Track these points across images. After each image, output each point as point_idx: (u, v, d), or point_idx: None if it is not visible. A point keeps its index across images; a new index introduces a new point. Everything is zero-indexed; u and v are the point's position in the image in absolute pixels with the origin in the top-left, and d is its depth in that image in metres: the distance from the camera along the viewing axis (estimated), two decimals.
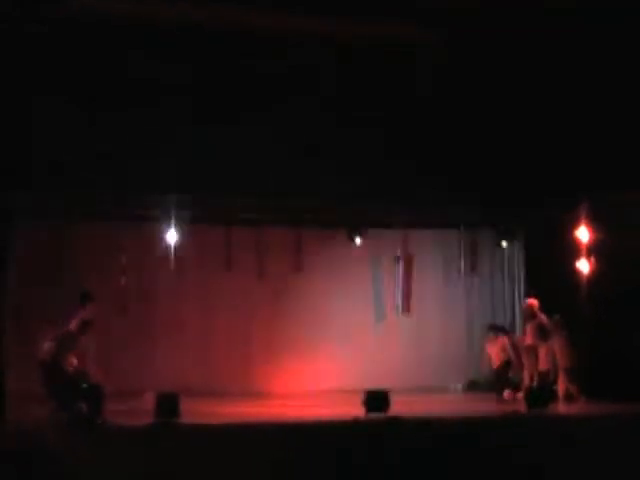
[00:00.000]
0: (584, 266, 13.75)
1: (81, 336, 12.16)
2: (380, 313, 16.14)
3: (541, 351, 13.61)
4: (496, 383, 14.53)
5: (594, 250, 13.68)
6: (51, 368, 11.43)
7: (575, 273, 13.82)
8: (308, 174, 12.61)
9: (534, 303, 13.97)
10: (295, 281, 15.73)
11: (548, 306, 13.77)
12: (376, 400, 10.75)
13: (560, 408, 12.46)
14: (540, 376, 13.49)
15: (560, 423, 11.06)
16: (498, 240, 16.16)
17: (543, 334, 13.58)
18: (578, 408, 12.49)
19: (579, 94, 12.68)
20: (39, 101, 11.61)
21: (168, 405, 10.15)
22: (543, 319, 13.72)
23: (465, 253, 16.25)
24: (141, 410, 10.66)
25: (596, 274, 13.64)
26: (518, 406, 11.98)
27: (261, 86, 12.34)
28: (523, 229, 16.11)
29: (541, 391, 12.21)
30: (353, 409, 10.67)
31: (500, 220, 15.67)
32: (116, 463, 9.24)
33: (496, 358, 14.67)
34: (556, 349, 13.35)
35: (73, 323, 12.25)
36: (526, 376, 13.84)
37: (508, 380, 14.28)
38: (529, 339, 13.92)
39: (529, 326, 13.96)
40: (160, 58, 11.96)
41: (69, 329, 12.07)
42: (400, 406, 10.77)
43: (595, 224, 13.62)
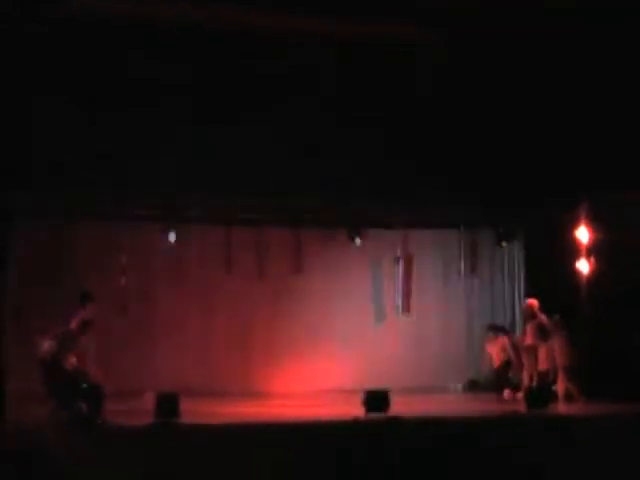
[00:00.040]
0: (584, 266, 13.76)
1: (81, 336, 12.16)
2: (380, 313, 16.13)
3: (541, 351, 13.60)
4: (496, 383, 14.54)
5: (594, 250, 13.68)
6: (51, 367, 11.42)
7: (575, 273, 13.82)
8: (308, 174, 12.61)
9: (534, 303, 13.97)
10: (295, 281, 15.72)
11: (548, 306, 13.76)
12: (376, 400, 10.74)
13: (560, 408, 12.45)
14: (540, 376, 13.49)
15: (560, 423, 11.04)
16: (498, 240, 16.15)
17: (543, 334, 13.58)
18: (578, 408, 12.48)
19: (579, 94, 12.68)
20: (39, 101, 11.62)
21: (168, 405, 10.14)
22: (543, 319, 13.71)
23: (465, 253, 16.24)
24: (141, 410, 10.66)
25: (596, 274, 13.64)
26: (518, 406, 11.97)
27: (261, 86, 12.35)
28: (523, 229, 16.10)
29: (541, 391, 12.21)
30: (353, 409, 10.66)
31: (500, 220, 15.66)
32: (116, 463, 9.24)
33: (496, 358, 14.67)
34: (556, 349, 13.34)
35: (73, 323, 12.25)
36: (526, 376, 13.84)
37: (508, 380, 14.28)
38: (529, 339, 13.91)
39: (529, 326, 13.95)
40: (160, 58, 11.96)
41: (69, 328, 12.07)
42: (400, 406, 10.76)
43: (595, 224, 13.62)
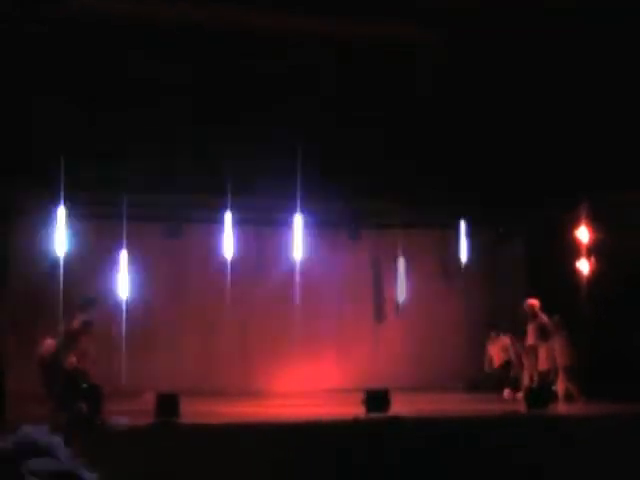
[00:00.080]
0: (584, 266, 13.76)
1: (82, 336, 12.17)
2: (380, 313, 16.13)
3: (541, 351, 13.61)
4: (496, 383, 14.54)
5: (594, 250, 13.68)
6: (51, 367, 11.44)
7: (575, 273, 13.83)
8: (308, 174, 12.61)
9: (535, 303, 13.96)
10: (295, 281, 15.70)
11: (548, 306, 13.76)
12: (376, 400, 10.75)
13: (560, 408, 12.45)
14: (540, 376, 13.50)
15: (560, 423, 11.05)
16: (498, 240, 16.15)
17: (544, 334, 13.58)
18: (578, 408, 12.49)
19: (579, 94, 12.68)
20: (39, 101, 11.62)
21: (168, 405, 10.15)
22: (544, 319, 13.71)
23: (465, 253, 16.23)
24: (141, 410, 10.66)
25: (596, 274, 13.64)
26: (518, 406, 11.98)
27: (261, 86, 12.34)
28: (523, 229, 16.10)
29: (541, 391, 12.22)
30: (353, 409, 10.67)
31: (500, 220, 15.66)
32: (116, 463, 9.23)
33: (497, 358, 14.68)
34: (556, 349, 13.34)
35: (74, 323, 12.27)
36: (526, 376, 13.84)
37: (508, 380, 14.29)
38: (530, 339, 13.91)
39: (530, 326, 13.95)
40: (160, 58, 11.97)
41: (70, 328, 12.08)
42: (400, 406, 10.76)
43: (595, 224, 13.63)
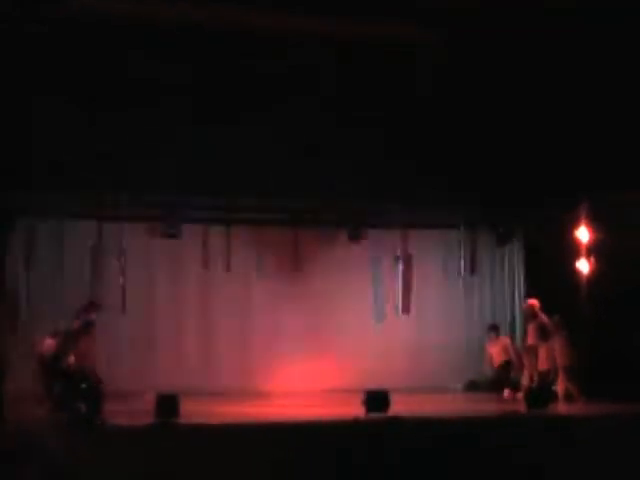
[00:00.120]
0: (584, 266, 13.76)
1: (82, 336, 12.18)
2: (380, 313, 16.11)
3: (541, 351, 13.61)
4: (496, 383, 14.53)
5: (594, 250, 13.68)
6: (51, 366, 11.44)
7: (575, 273, 13.83)
8: (308, 174, 12.61)
9: (535, 303, 13.97)
10: (295, 281, 15.71)
11: (548, 306, 13.77)
12: (376, 400, 10.74)
13: (560, 408, 12.45)
14: (540, 376, 13.50)
15: (560, 423, 11.04)
16: (498, 240, 16.14)
17: (544, 334, 13.58)
18: (578, 408, 12.48)
19: (579, 94, 12.68)
20: (39, 101, 11.62)
21: (168, 405, 10.14)
22: (544, 319, 13.71)
23: (465, 253, 16.22)
24: (141, 410, 10.66)
25: (596, 274, 13.64)
26: (518, 406, 11.97)
27: (261, 86, 12.34)
28: (523, 229, 16.10)
29: (541, 391, 12.21)
30: (353, 409, 10.66)
31: (500, 220, 15.66)
32: (116, 463, 9.24)
33: (497, 358, 14.67)
34: (556, 349, 13.34)
35: (76, 323, 12.28)
36: (526, 376, 13.84)
37: (508, 380, 14.28)
38: (530, 339, 13.92)
39: (530, 326, 13.95)
40: (160, 58, 11.96)
41: (71, 328, 12.09)
42: (400, 406, 10.76)
43: (595, 224, 13.63)
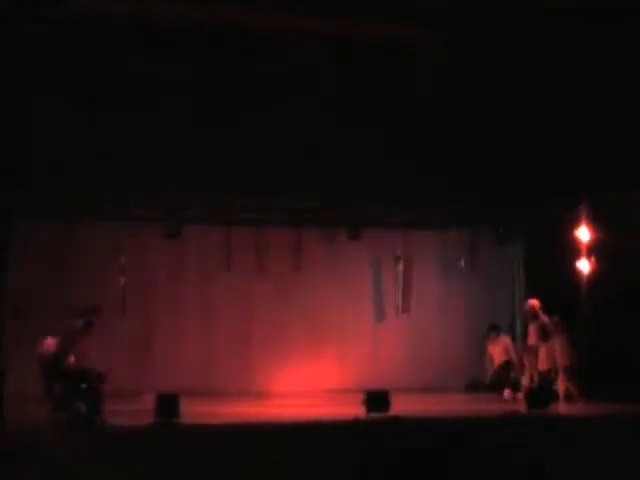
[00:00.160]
0: (584, 266, 13.76)
1: (83, 336, 12.18)
2: (380, 313, 16.12)
3: (541, 351, 13.60)
4: (496, 383, 14.53)
5: (594, 250, 13.68)
6: (52, 366, 11.44)
7: (575, 273, 13.83)
8: (308, 174, 12.61)
9: (536, 303, 13.95)
10: (295, 281, 15.70)
11: (548, 306, 13.76)
12: (376, 400, 10.74)
13: (560, 408, 12.44)
14: (540, 376, 13.49)
15: (560, 423, 11.05)
16: (498, 240, 16.14)
17: (545, 334, 13.57)
18: (578, 408, 12.48)
19: (579, 94, 12.68)
20: (39, 101, 11.62)
21: (168, 405, 10.14)
22: (545, 319, 13.70)
23: (465, 253, 16.23)
24: (141, 410, 10.66)
25: (596, 274, 13.64)
26: (518, 406, 11.97)
27: (261, 86, 12.35)
28: (523, 229, 16.09)
29: (541, 391, 12.21)
30: (353, 409, 10.66)
31: (500, 220, 15.65)
32: (116, 463, 9.24)
33: (498, 358, 14.67)
34: (557, 349, 13.33)
35: (76, 323, 12.28)
36: (526, 376, 13.84)
37: (509, 380, 14.28)
38: (531, 339, 13.90)
39: (531, 326, 13.93)
40: (160, 58, 11.97)
41: (72, 328, 12.09)
42: (400, 406, 10.76)
43: (595, 224, 13.62)
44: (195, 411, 10.69)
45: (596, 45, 12.22)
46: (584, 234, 13.73)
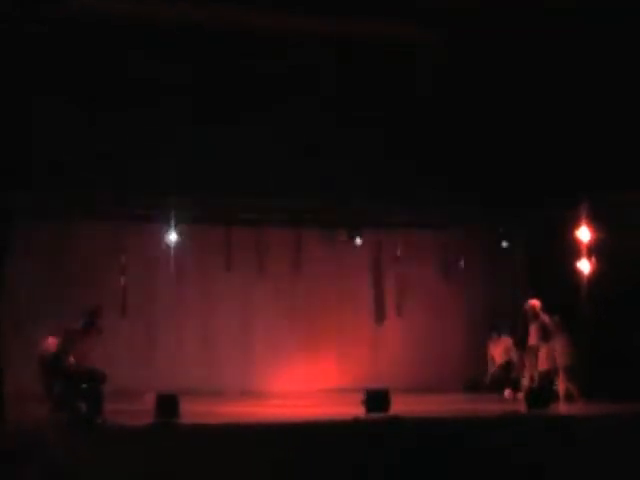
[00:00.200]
0: (584, 266, 13.75)
1: (83, 336, 12.17)
2: (380, 313, 16.13)
3: (542, 351, 13.60)
4: (497, 383, 14.53)
5: (594, 250, 13.68)
6: (52, 366, 11.43)
7: (575, 273, 13.82)
8: (308, 174, 12.61)
9: (536, 304, 13.94)
10: (295, 282, 15.72)
11: (548, 306, 13.76)
12: (376, 400, 10.74)
13: (560, 408, 12.45)
14: (540, 376, 13.49)
15: (560, 423, 11.04)
16: (498, 240, 16.15)
17: (546, 334, 13.57)
18: (578, 408, 12.48)
19: (579, 94, 12.68)
20: (39, 101, 11.62)
21: (168, 405, 10.14)
22: (546, 319, 13.70)
23: (465, 253, 16.23)
24: (141, 410, 10.66)
25: (596, 274, 13.64)
26: (518, 406, 11.97)
27: (261, 86, 12.35)
28: (523, 229, 16.10)
29: (541, 391, 12.21)
30: (353, 409, 10.66)
31: (500, 220, 15.66)
32: (116, 463, 9.24)
33: (498, 358, 14.67)
34: (557, 349, 13.34)
35: (77, 323, 12.27)
36: (526, 376, 13.84)
37: (509, 380, 14.28)
38: (532, 339, 13.90)
39: (532, 326, 13.92)
40: (160, 58, 11.97)
41: (74, 328, 12.08)
42: (400, 406, 10.76)
43: (595, 224, 13.62)
44: (195, 411, 10.69)
45: (596, 45, 12.22)
46: (584, 234, 13.73)
